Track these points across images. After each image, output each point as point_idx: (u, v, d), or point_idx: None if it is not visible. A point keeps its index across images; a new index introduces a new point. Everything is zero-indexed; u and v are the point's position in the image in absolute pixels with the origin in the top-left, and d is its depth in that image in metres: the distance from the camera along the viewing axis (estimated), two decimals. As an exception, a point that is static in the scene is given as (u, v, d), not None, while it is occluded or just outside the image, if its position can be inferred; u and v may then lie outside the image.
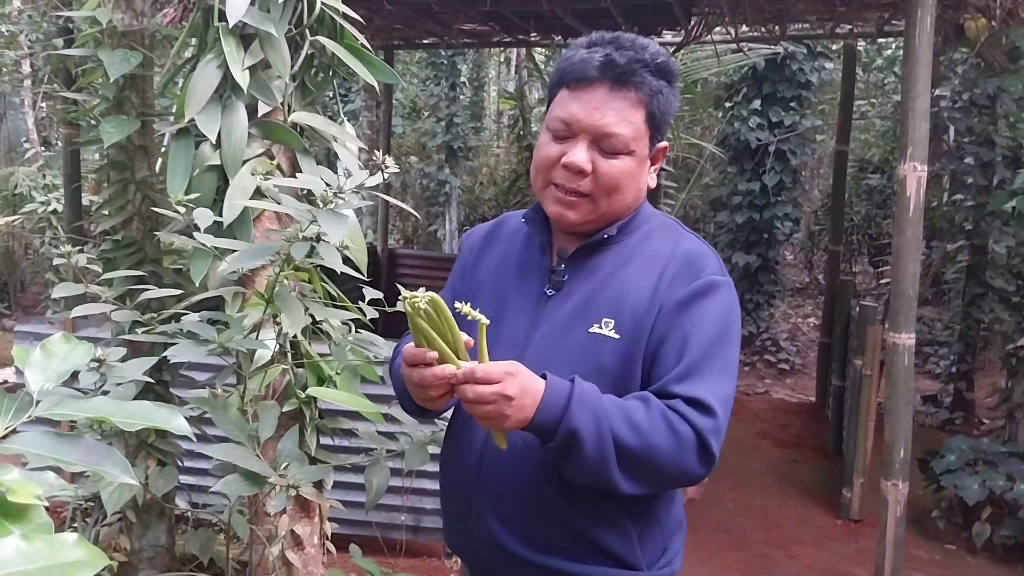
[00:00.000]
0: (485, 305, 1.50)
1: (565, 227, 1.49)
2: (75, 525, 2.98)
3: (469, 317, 1.22)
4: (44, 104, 9.71)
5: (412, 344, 1.30)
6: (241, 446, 1.99)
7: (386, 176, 1.90)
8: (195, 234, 1.98)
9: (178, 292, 2.22)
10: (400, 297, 1.25)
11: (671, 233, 1.49)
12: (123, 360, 2.08)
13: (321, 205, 1.80)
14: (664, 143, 1.48)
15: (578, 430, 1.24)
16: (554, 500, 1.39)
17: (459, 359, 1.27)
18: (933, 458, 4.50)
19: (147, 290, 2.22)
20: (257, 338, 2.09)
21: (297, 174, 2.11)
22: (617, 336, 1.38)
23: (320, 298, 2.30)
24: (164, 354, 1.94)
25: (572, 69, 1.42)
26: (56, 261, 2.25)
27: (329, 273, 2.36)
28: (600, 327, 1.39)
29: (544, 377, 1.28)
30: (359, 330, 2.35)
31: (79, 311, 2.20)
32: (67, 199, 4.33)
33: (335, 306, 2.33)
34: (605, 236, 1.45)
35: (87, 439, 0.82)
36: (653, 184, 1.50)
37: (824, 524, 4.59)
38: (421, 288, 1.25)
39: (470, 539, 1.49)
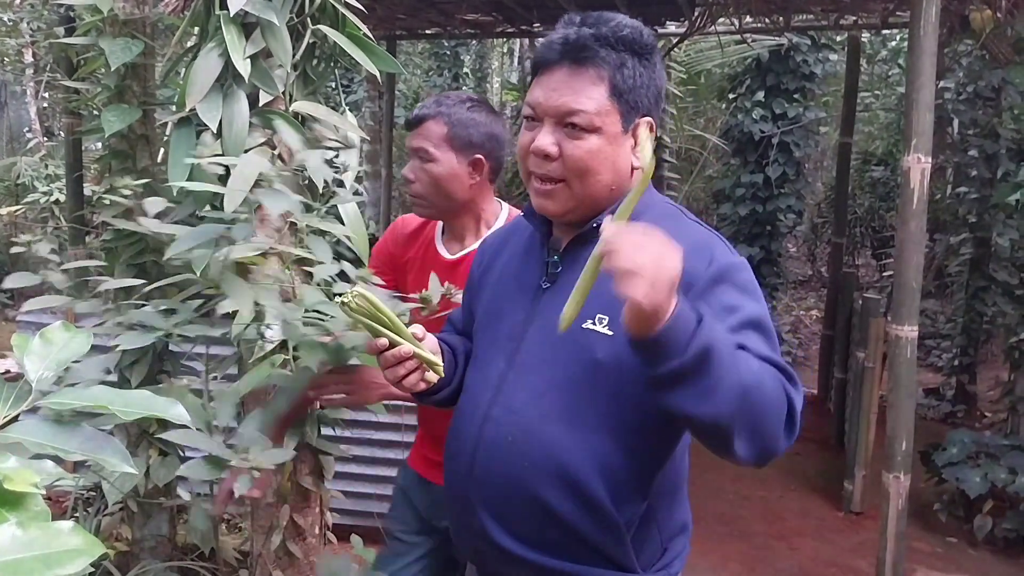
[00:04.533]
0: (490, 301, 1.56)
1: (550, 217, 1.47)
2: (76, 515, 2.99)
3: None
4: (47, 94, 9.70)
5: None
6: (200, 432, 1.97)
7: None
8: (140, 219, 1.98)
9: (162, 282, 2.20)
10: (336, 301, 1.37)
11: (673, 223, 1.38)
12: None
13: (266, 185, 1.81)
14: (646, 118, 1.41)
15: (712, 345, 1.11)
16: (546, 496, 1.36)
17: (404, 339, 1.40)
18: (935, 451, 4.49)
19: (144, 282, 2.21)
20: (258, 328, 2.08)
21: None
22: (610, 333, 1.33)
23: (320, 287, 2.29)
24: (117, 343, 1.93)
25: (537, 55, 1.44)
26: (14, 249, 2.21)
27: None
28: (594, 323, 1.35)
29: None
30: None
31: (31, 305, 2.15)
32: (69, 189, 4.32)
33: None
34: (595, 224, 1.40)
35: (86, 427, 0.82)
36: (639, 164, 1.42)
37: (826, 516, 4.60)
38: (354, 287, 1.37)
39: (465, 533, 1.50)
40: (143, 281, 2.21)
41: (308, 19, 2.17)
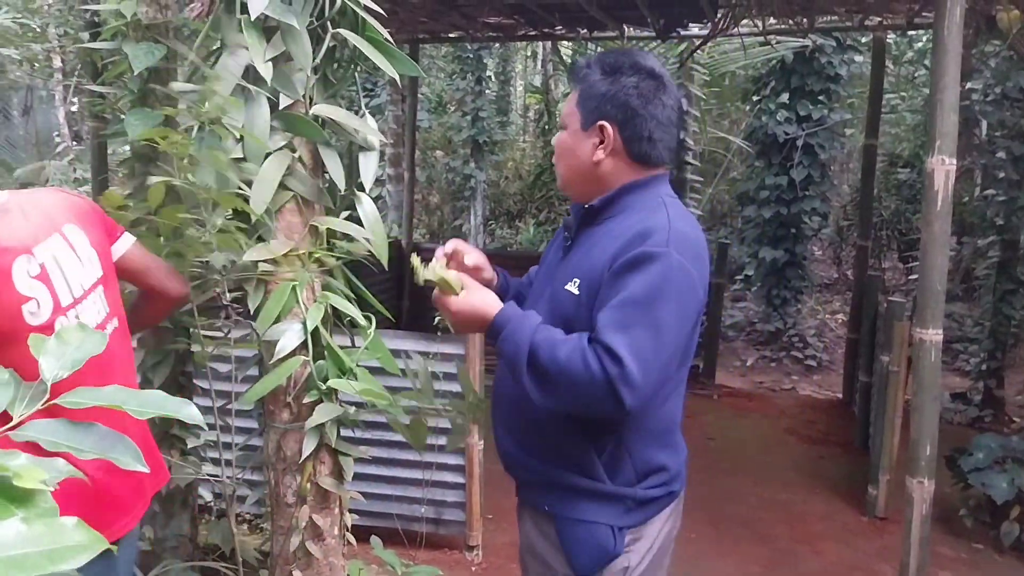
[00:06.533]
0: (542, 265, 2.01)
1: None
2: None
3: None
4: (75, 98, 9.82)
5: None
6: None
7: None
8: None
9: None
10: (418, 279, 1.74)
11: (652, 211, 1.72)
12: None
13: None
14: (600, 122, 1.75)
15: (502, 350, 1.69)
16: (530, 414, 1.77)
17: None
18: (961, 455, 4.44)
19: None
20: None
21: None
22: (578, 293, 1.73)
23: (342, 291, 2.31)
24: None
25: None
26: None
27: (351, 266, 2.37)
28: (570, 285, 1.75)
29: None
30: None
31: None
32: (94, 192, 4.37)
33: (357, 299, 2.34)
34: (586, 207, 1.81)
35: (100, 427, 0.83)
36: (596, 159, 1.78)
37: (849, 520, 4.55)
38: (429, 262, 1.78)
39: (496, 441, 1.93)
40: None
41: (328, 23, 2.18)
